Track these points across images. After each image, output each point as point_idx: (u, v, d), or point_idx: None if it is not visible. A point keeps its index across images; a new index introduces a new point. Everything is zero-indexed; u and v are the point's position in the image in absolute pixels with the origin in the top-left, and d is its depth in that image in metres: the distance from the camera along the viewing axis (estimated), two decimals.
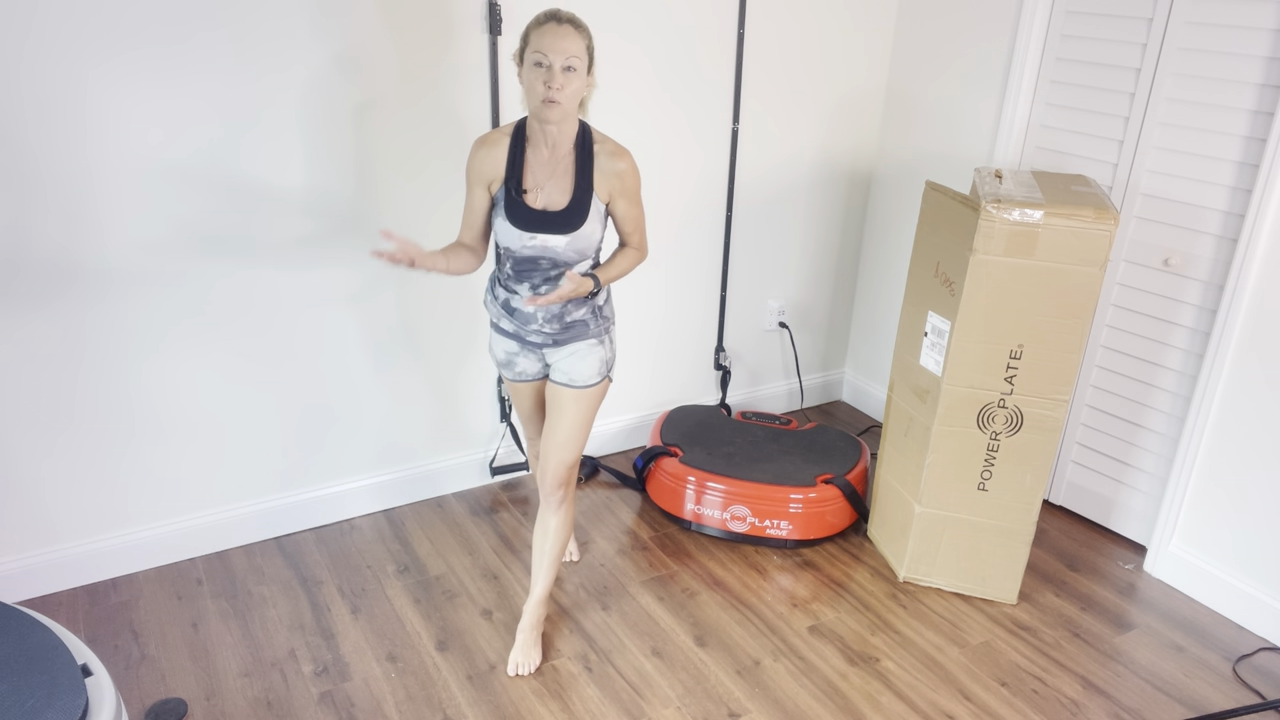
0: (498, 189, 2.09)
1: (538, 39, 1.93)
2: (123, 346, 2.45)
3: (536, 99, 1.95)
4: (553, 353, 2.25)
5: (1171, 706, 2.34)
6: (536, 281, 2.15)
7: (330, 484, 2.90)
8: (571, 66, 1.93)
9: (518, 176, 2.06)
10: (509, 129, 2.09)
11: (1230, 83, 2.50)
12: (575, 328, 2.21)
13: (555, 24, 1.94)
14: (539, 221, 2.07)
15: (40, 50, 2.14)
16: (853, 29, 3.31)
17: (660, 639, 2.49)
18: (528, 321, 2.19)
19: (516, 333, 2.23)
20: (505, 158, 2.07)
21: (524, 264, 2.13)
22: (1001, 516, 2.60)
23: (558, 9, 1.97)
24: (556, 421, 2.27)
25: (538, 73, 1.93)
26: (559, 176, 2.08)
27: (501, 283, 2.20)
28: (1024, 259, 2.34)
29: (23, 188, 2.22)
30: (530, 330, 2.20)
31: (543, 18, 1.96)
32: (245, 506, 2.78)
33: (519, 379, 2.33)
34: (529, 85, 1.96)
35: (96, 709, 1.57)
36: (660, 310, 3.32)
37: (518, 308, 2.19)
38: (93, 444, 2.50)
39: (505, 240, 2.11)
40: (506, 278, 2.18)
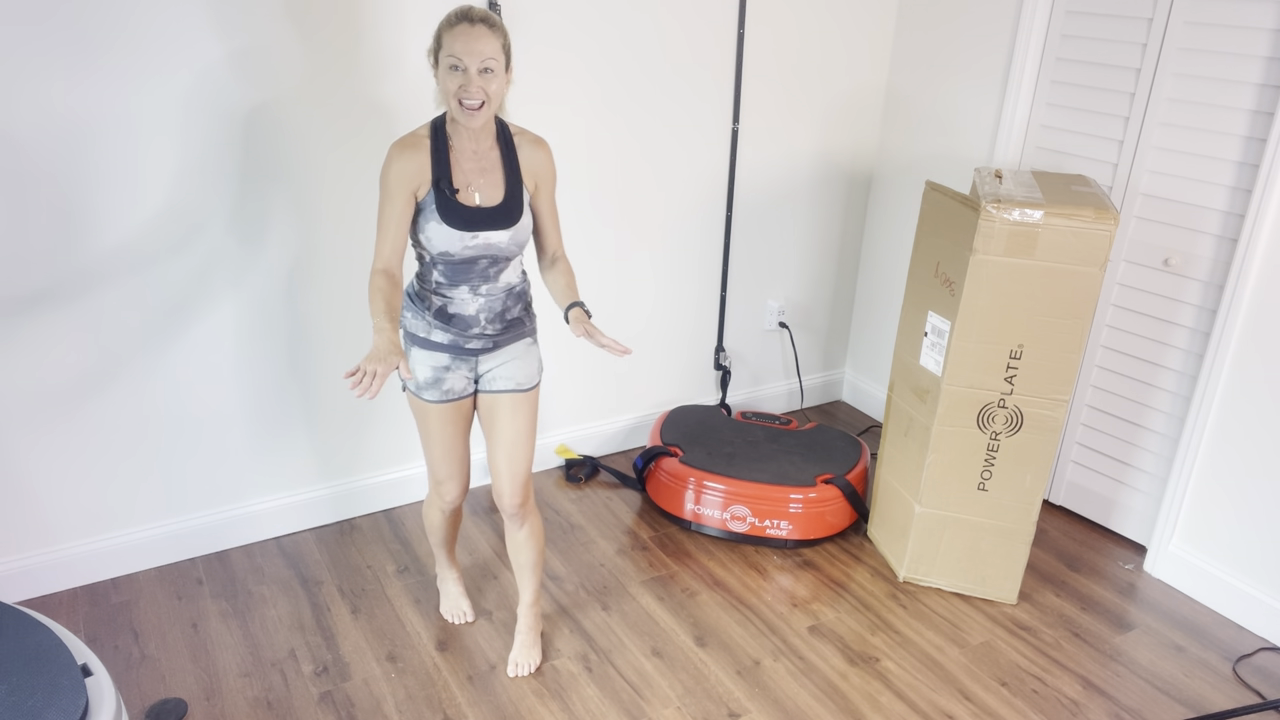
0: (425, 193, 1.97)
1: (450, 41, 1.85)
2: (123, 346, 2.45)
3: (452, 100, 1.89)
4: (489, 359, 2.14)
5: (1171, 706, 2.34)
6: (475, 282, 2.05)
7: (330, 483, 2.90)
8: (489, 69, 1.87)
9: (447, 177, 1.98)
10: (426, 131, 1.98)
11: (1230, 83, 2.50)
12: (514, 326, 2.14)
13: (468, 25, 1.85)
14: (478, 219, 1.99)
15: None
16: (853, 29, 3.31)
17: (660, 639, 2.49)
18: (469, 326, 2.08)
19: (453, 342, 2.09)
20: (430, 160, 1.96)
21: (461, 266, 2.02)
22: (1001, 516, 2.60)
23: (470, 7, 1.88)
24: (504, 433, 2.16)
25: (454, 76, 1.86)
26: (488, 172, 2.02)
27: (433, 291, 2.06)
28: (1024, 259, 2.34)
29: (22, 187, 2.22)
30: (471, 335, 2.09)
31: (454, 18, 1.86)
32: (245, 506, 2.78)
33: (445, 398, 2.12)
34: (445, 88, 1.88)
35: (96, 709, 1.57)
36: (660, 310, 3.32)
37: (457, 313, 2.06)
38: (93, 444, 2.50)
39: (442, 245, 1.98)
40: (437, 285, 2.05)
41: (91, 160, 2.27)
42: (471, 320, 2.08)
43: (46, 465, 2.46)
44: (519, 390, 2.16)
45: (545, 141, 2.08)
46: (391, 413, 2.92)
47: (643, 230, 3.15)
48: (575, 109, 2.87)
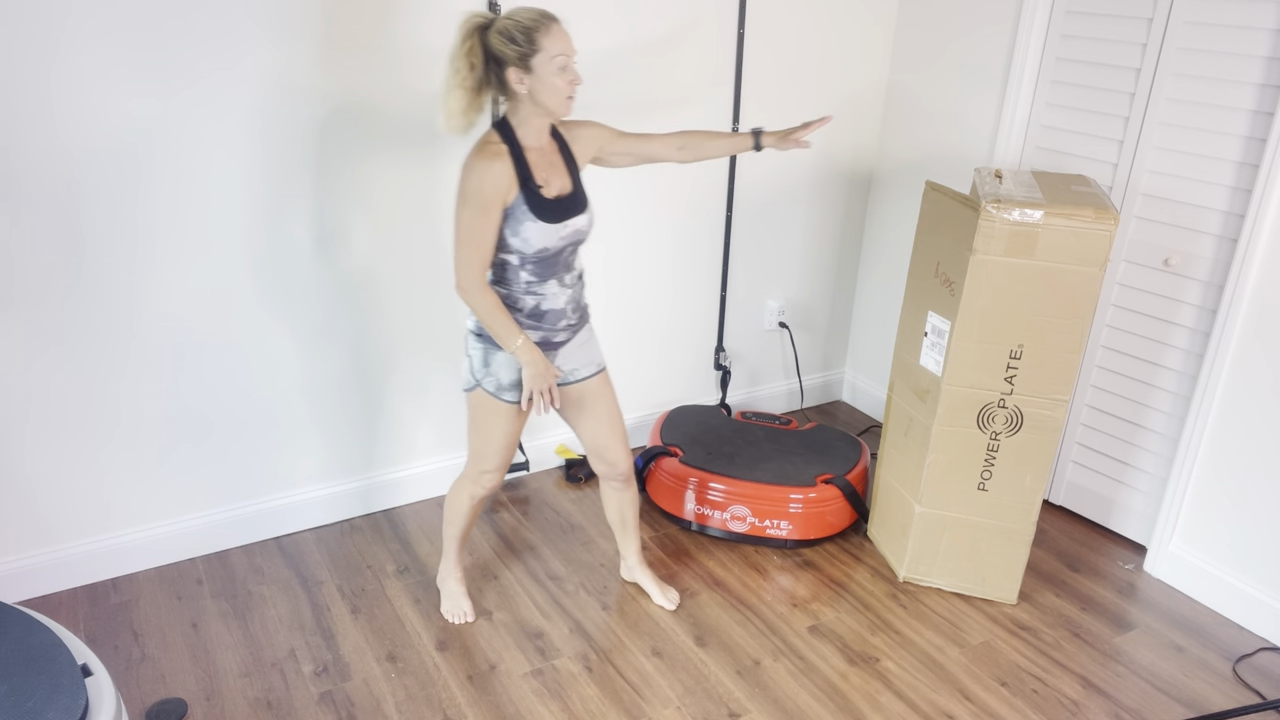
0: (514, 197, 2.03)
1: (552, 42, 1.95)
2: (123, 346, 2.45)
3: (560, 97, 1.99)
4: (565, 350, 2.26)
5: (1171, 706, 2.34)
6: (561, 274, 2.16)
7: (330, 484, 2.90)
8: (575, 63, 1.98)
9: (530, 176, 2.05)
10: (496, 137, 2.04)
11: (1230, 83, 2.50)
12: (584, 312, 2.30)
13: (558, 24, 1.97)
14: (564, 209, 2.10)
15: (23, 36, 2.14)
16: (853, 29, 3.31)
17: (660, 639, 2.49)
18: (558, 319, 2.19)
19: (543, 339, 2.19)
20: (512, 165, 2.02)
21: (551, 260, 2.12)
22: (1001, 516, 2.60)
23: (544, 9, 1.98)
24: (604, 410, 2.34)
25: (564, 75, 1.97)
26: (555, 164, 2.12)
27: (524, 293, 2.13)
28: (1024, 259, 2.34)
29: (22, 187, 2.22)
30: (560, 328, 2.21)
31: (545, 19, 1.95)
32: (245, 506, 2.78)
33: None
34: (549, 86, 1.97)
35: (96, 709, 1.57)
36: (660, 310, 3.32)
37: (549, 308, 2.16)
38: (93, 444, 2.50)
39: (540, 241, 2.06)
40: (528, 285, 2.13)
41: (88, 160, 2.27)
42: (560, 313, 2.19)
43: (46, 465, 2.46)
44: (601, 370, 2.34)
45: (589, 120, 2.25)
46: (391, 413, 2.92)
47: (643, 230, 3.15)
48: (575, 109, 2.87)
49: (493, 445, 2.28)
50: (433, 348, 2.91)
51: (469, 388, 2.24)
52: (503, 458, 2.31)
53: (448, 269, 2.84)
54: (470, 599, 2.58)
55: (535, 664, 2.38)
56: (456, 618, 2.52)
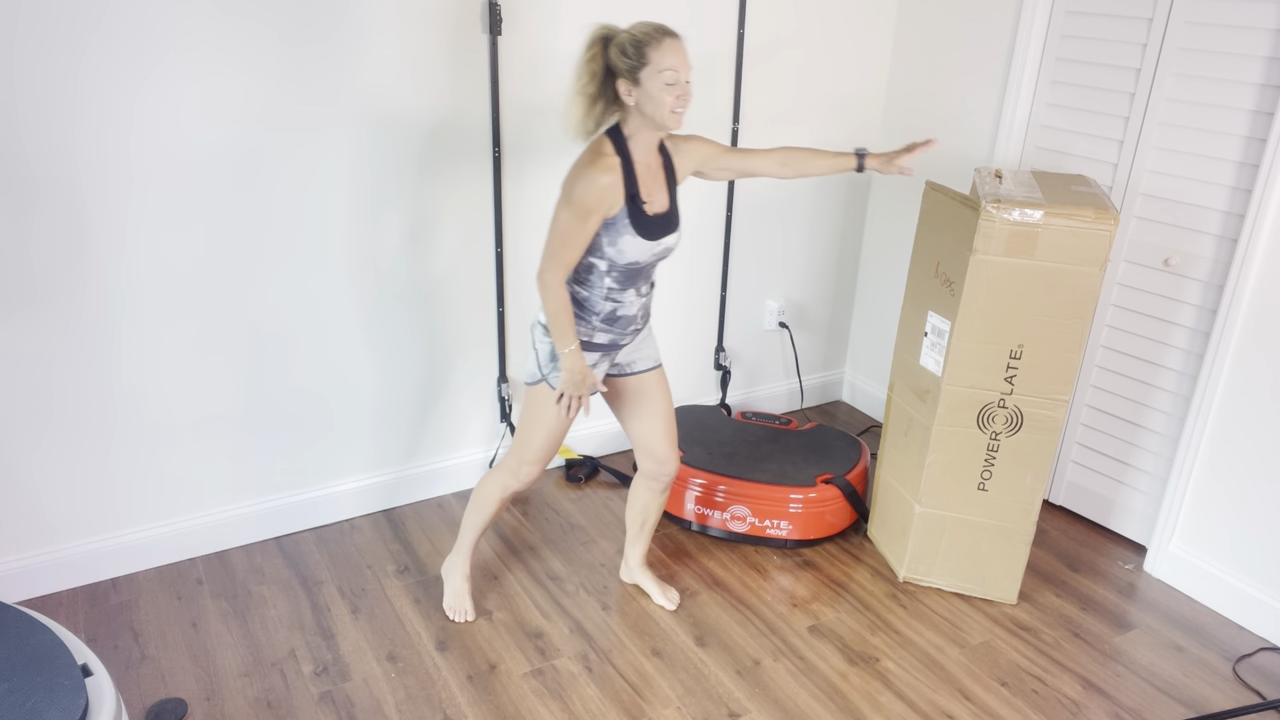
0: (617, 210, 2.05)
1: (661, 56, 1.96)
2: (123, 346, 2.45)
3: (665, 111, 1.99)
4: (626, 349, 2.30)
5: (1171, 706, 2.34)
6: (640, 284, 2.19)
7: (330, 484, 2.90)
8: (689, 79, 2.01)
9: (637, 191, 2.07)
10: (610, 148, 2.05)
11: (1230, 83, 2.50)
12: (649, 315, 2.35)
13: (673, 39, 1.97)
14: (661, 226, 2.12)
15: (40, 44, 2.14)
16: (853, 28, 3.31)
17: (660, 639, 2.49)
18: (629, 325, 2.23)
19: (612, 341, 2.23)
20: (621, 178, 2.04)
21: (636, 272, 2.16)
22: (1001, 516, 2.60)
23: (661, 23, 2.00)
24: (658, 405, 2.36)
25: (671, 89, 1.98)
26: (658, 180, 2.14)
27: (604, 298, 2.17)
28: (1024, 259, 2.34)
29: (23, 187, 2.22)
30: (629, 332, 2.25)
31: (656, 33, 1.97)
32: (245, 506, 2.78)
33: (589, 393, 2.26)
34: (656, 99, 1.98)
35: (96, 709, 1.57)
36: (660, 310, 3.32)
37: (624, 314, 2.20)
38: (93, 444, 2.50)
39: (633, 255, 2.10)
40: (609, 291, 2.16)
41: (90, 159, 2.27)
42: (632, 319, 2.24)
43: (47, 465, 2.46)
44: (659, 365, 2.37)
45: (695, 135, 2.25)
46: (390, 415, 2.92)
47: None
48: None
49: (538, 439, 2.30)
50: (437, 349, 2.91)
51: (533, 381, 2.27)
52: (544, 453, 2.33)
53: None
54: (473, 599, 2.57)
55: (535, 664, 2.38)
56: (457, 615, 2.52)
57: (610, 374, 2.35)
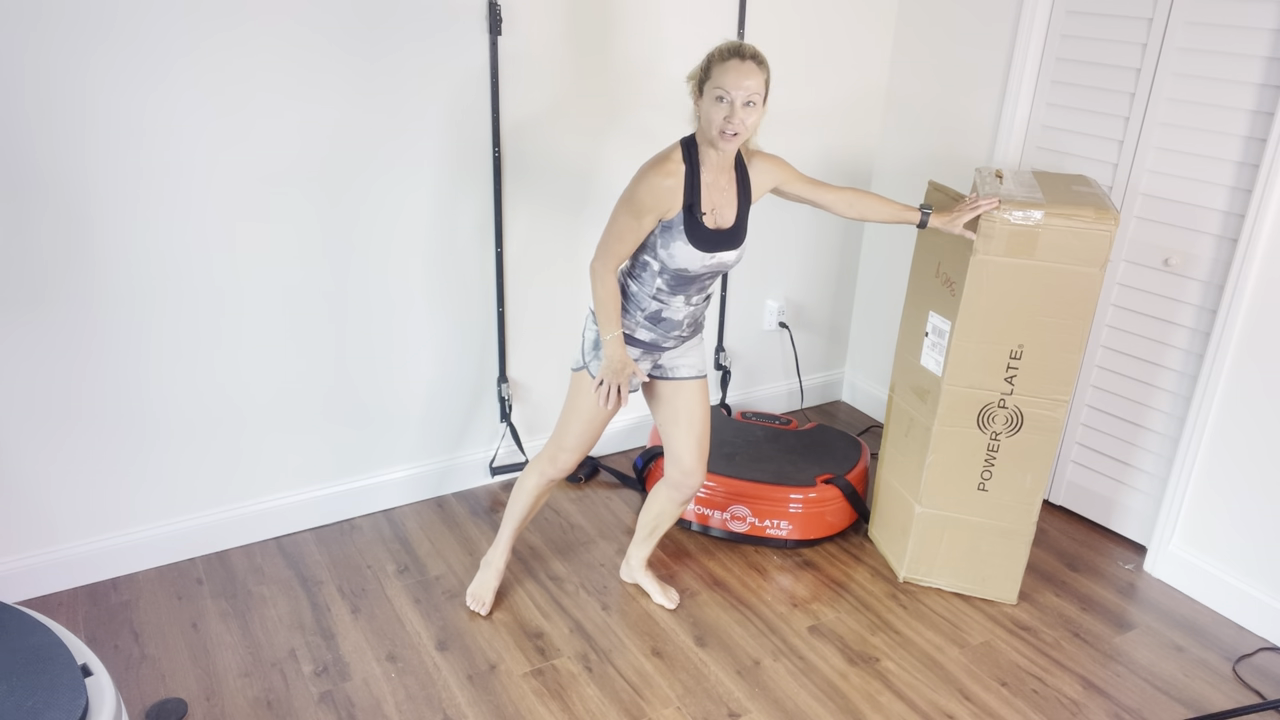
0: (674, 215, 2.08)
1: (720, 74, 1.97)
2: (124, 346, 2.45)
3: (713, 129, 2.01)
4: (671, 352, 2.31)
5: (1171, 706, 2.34)
6: (692, 294, 2.21)
7: (331, 484, 2.90)
8: (752, 102, 2.00)
9: (698, 202, 2.08)
10: (677, 155, 2.08)
11: (1230, 83, 2.50)
12: (699, 327, 2.34)
13: (739, 60, 1.98)
14: (717, 241, 2.13)
15: (49, 45, 2.14)
16: (853, 29, 3.31)
17: (660, 639, 2.49)
18: (672, 329, 2.24)
19: (654, 341, 2.25)
20: (683, 185, 2.06)
21: (686, 280, 2.17)
22: (1001, 516, 2.60)
23: (742, 43, 2.00)
24: (693, 415, 2.35)
25: (719, 107, 1.99)
26: (726, 194, 2.14)
27: (652, 297, 2.19)
28: (1024, 259, 2.34)
29: (27, 186, 2.22)
30: (671, 336, 2.26)
31: (727, 51, 1.99)
32: (245, 506, 2.78)
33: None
34: (708, 115, 2.01)
35: (96, 709, 1.57)
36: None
37: (668, 317, 2.21)
38: (94, 444, 2.50)
39: (682, 262, 2.11)
40: (658, 292, 2.18)
41: (94, 159, 2.27)
42: (676, 324, 2.25)
43: (47, 465, 2.46)
44: (701, 376, 2.36)
45: (778, 157, 2.27)
46: (390, 415, 2.92)
47: None
48: (576, 107, 2.87)
49: (576, 427, 2.32)
50: (437, 350, 2.91)
51: (577, 367, 2.30)
52: (581, 440, 2.35)
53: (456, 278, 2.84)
54: (495, 596, 2.59)
55: (535, 664, 2.38)
56: (475, 605, 2.54)
57: (652, 374, 2.35)
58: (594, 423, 2.32)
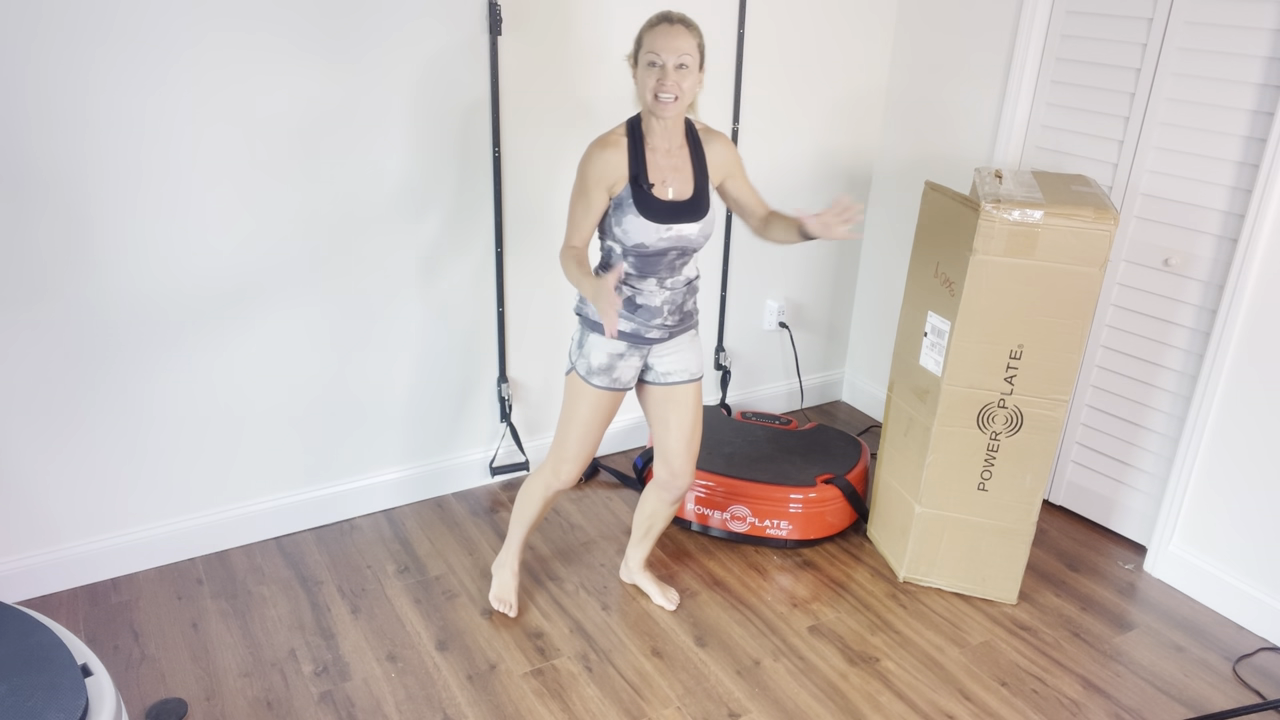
0: (622, 189, 2.10)
1: (650, 39, 2.02)
2: (124, 346, 2.45)
3: (646, 94, 2.04)
4: (660, 349, 2.28)
5: (1171, 706, 2.34)
6: (662, 275, 2.18)
7: (330, 484, 2.90)
8: (684, 65, 2.02)
9: (644, 173, 2.10)
10: (623, 130, 2.12)
11: (1230, 83, 2.50)
12: (687, 318, 2.30)
13: (667, 24, 2.02)
14: (673, 212, 2.12)
15: (49, 42, 2.14)
16: (853, 29, 3.31)
17: (660, 639, 2.49)
18: (653, 317, 2.21)
19: (635, 331, 2.22)
20: (626, 158, 2.09)
21: (652, 259, 2.15)
22: (1001, 516, 2.60)
23: (669, 10, 2.04)
24: (684, 420, 2.33)
25: (651, 72, 2.02)
26: (679, 168, 2.15)
27: (623, 283, 2.19)
28: (1024, 259, 2.34)
29: (25, 185, 2.22)
30: (653, 325, 2.22)
31: (655, 19, 2.04)
32: (245, 506, 2.78)
33: (612, 386, 2.25)
34: (643, 84, 2.04)
35: (96, 709, 1.57)
36: None
37: (644, 304, 2.19)
38: (93, 444, 2.50)
39: (638, 237, 2.11)
40: (627, 277, 2.18)
41: (92, 158, 2.27)
42: (656, 311, 2.21)
43: (47, 465, 2.46)
44: (694, 380, 2.33)
45: (725, 135, 2.25)
46: (390, 415, 2.92)
47: None
48: (576, 105, 2.87)
49: (574, 433, 2.30)
50: (437, 349, 2.91)
51: (567, 370, 2.31)
52: (581, 448, 2.32)
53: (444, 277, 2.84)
54: (519, 596, 2.59)
55: (535, 664, 2.38)
56: (502, 607, 2.54)
57: (647, 380, 2.33)
58: (590, 429, 2.30)
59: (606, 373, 2.24)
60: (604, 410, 2.29)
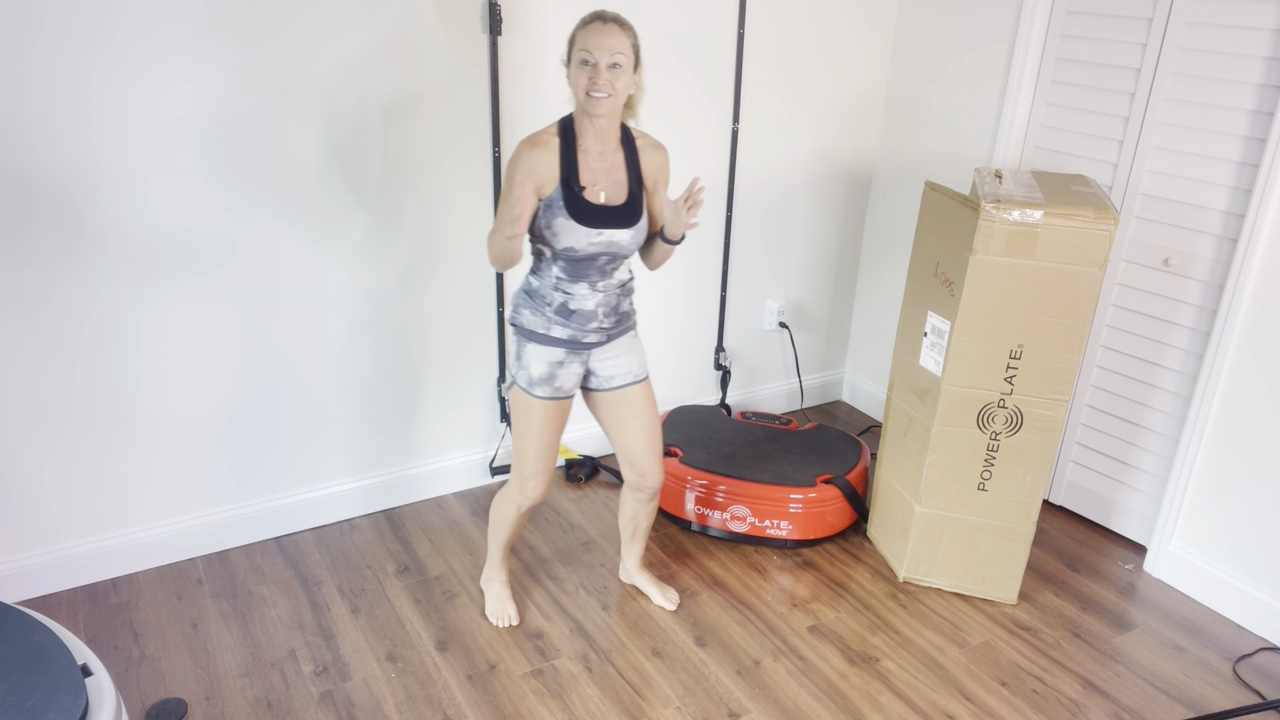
0: (552, 190, 2.07)
1: (583, 38, 1.99)
2: (124, 346, 2.45)
3: (579, 93, 2.01)
4: (600, 353, 2.26)
5: (1171, 706, 2.34)
6: (594, 279, 2.15)
7: (331, 484, 2.90)
8: (617, 64, 1.99)
9: (575, 174, 2.07)
10: (554, 129, 2.09)
11: (1230, 83, 2.50)
12: (624, 320, 2.27)
13: (600, 23, 1.99)
14: (604, 217, 2.09)
15: (35, 41, 2.14)
16: (853, 29, 3.31)
17: (660, 639, 2.49)
18: (588, 321, 2.19)
19: (572, 337, 2.19)
20: (557, 158, 2.06)
21: (582, 263, 2.12)
22: (1001, 516, 2.60)
23: (603, 9, 2.02)
24: (640, 420, 2.32)
25: (584, 70, 2.00)
26: (613, 172, 2.12)
27: (553, 288, 2.16)
28: (1024, 259, 2.34)
29: (23, 185, 2.22)
30: (590, 330, 2.20)
31: (589, 18, 2.01)
32: (245, 506, 2.78)
33: (555, 395, 2.22)
34: (576, 83, 2.01)
35: (96, 709, 1.57)
36: (660, 310, 3.32)
37: (577, 308, 2.16)
38: (93, 444, 2.50)
39: (567, 240, 2.08)
40: (558, 281, 2.15)
41: (90, 157, 2.27)
42: (590, 315, 2.19)
43: (46, 465, 2.46)
44: (639, 381, 2.31)
45: (664, 146, 2.22)
46: (390, 414, 2.92)
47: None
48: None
49: (530, 449, 2.26)
50: (437, 349, 2.91)
51: (508, 386, 2.28)
52: (541, 463, 2.28)
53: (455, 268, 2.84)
54: (515, 602, 2.58)
55: (535, 664, 2.38)
56: (500, 620, 2.52)
57: (592, 388, 2.31)
58: (546, 441, 2.26)
59: (548, 383, 2.20)
60: (554, 421, 2.25)
